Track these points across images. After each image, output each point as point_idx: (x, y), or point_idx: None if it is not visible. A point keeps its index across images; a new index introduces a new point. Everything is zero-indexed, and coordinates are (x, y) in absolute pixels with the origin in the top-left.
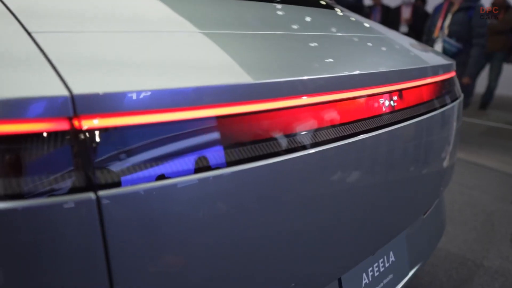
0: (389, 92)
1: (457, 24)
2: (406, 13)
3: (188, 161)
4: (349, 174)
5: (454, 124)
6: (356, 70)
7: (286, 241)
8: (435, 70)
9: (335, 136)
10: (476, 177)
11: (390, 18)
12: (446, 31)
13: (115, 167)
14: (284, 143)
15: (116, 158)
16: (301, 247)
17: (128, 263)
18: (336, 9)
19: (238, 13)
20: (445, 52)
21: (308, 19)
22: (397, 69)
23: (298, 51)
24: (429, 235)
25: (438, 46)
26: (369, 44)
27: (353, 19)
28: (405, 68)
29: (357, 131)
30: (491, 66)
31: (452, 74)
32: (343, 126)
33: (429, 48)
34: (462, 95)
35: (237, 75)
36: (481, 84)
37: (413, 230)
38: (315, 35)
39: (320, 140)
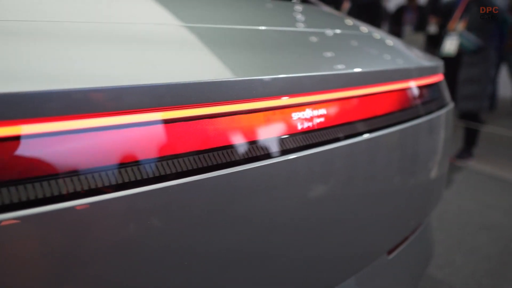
0: (353, 98)
1: (476, 16)
2: None
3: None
4: (272, 201)
5: (439, 139)
6: (314, 71)
7: None
8: (414, 72)
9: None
10: (499, 196)
11: (420, 18)
12: (462, 24)
13: None
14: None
15: None
16: None
17: None
18: (310, 2)
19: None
20: (463, 49)
21: (273, 12)
22: (366, 70)
23: (257, 48)
24: (399, 279)
25: (452, 42)
26: (339, 41)
27: (327, 12)
28: (375, 69)
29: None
30: None
31: (439, 78)
32: (286, 139)
33: (414, 48)
34: (451, 103)
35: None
36: None
37: (370, 275)
38: (276, 31)
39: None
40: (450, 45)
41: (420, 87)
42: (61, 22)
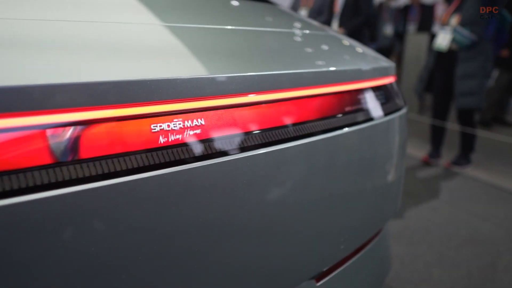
0: (293, 99)
1: (471, 10)
2: (440, 11)
3: None
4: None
5: (390, 145)
6: (254, 71)
7: None
8: (363, 73)
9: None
10: (494, 206)
11: (423, 17)
12: (456, 18)
13: None
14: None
15: None
16: None
17: None
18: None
19: None
20: (457, 44)
21: (223, 11)
22: (308, 71)
23: (204, 46)
24: None
25: (444, 37)
26: (284, 41)
27: (282, 11)
28: (317, 70)
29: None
30: None
31: (390, 79)
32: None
33: (366, 49)
34: (405, 107)
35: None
36: None
37: None
38: (224, 30)
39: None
40: (442, 40)
41: (369, 89)
42: None
